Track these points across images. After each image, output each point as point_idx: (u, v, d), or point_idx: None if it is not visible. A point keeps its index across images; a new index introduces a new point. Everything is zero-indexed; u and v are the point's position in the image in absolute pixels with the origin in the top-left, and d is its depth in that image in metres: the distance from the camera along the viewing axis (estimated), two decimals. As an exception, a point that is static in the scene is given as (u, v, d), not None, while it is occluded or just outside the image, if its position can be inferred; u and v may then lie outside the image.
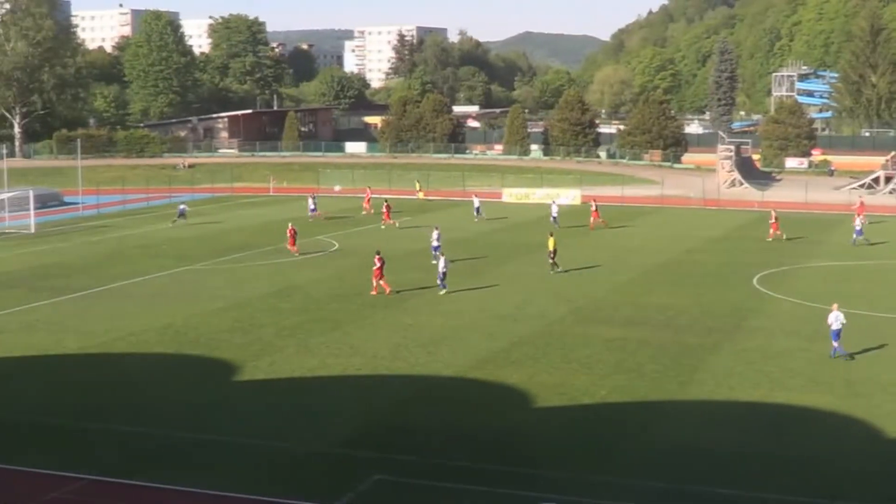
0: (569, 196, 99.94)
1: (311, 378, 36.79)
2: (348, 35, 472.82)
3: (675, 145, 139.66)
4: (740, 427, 31.44)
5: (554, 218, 77.40)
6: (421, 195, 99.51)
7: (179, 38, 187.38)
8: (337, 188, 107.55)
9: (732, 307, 48.15)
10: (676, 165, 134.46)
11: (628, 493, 26.18)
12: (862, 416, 32.18)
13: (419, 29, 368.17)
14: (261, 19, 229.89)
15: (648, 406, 33.46)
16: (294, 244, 64.84)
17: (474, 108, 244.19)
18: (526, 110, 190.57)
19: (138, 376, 37.38)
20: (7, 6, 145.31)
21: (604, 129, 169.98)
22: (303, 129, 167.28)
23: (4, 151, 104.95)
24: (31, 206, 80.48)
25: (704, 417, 32.65)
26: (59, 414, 32.39)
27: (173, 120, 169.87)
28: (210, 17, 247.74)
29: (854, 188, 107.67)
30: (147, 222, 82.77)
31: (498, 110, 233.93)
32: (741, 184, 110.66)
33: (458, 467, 27.81)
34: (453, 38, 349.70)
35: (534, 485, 26.50)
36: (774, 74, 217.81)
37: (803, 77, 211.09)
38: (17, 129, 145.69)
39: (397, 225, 78.23)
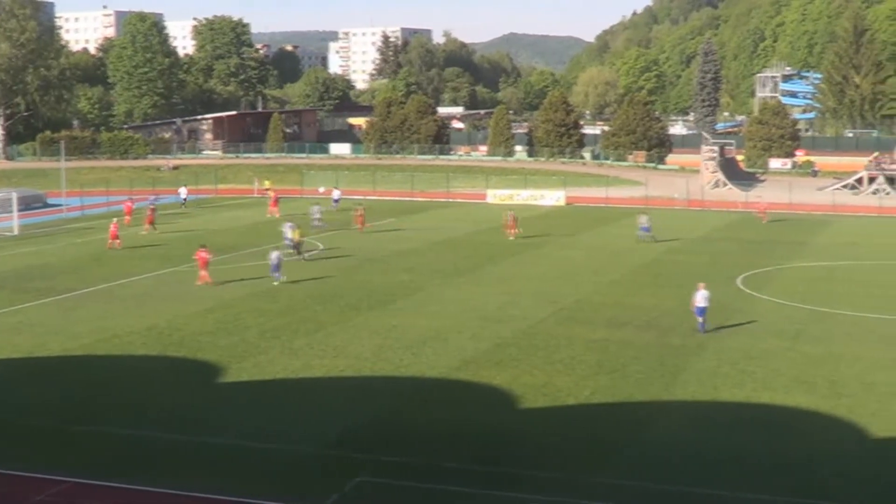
0: (553, 197, 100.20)
1: (296, 380, 36.75)
2: (333, 36, 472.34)
3: (660, 146, 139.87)
4: (725, 428, 31.45)
5: (317, 218, 78.06)
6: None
7: (164, 40, 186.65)
8: (321, 189, 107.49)
9: (716, 308, 48.09)
10: (661, 166, 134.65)
11: (615, 493, 26.17)
12: (846, 416, 32.28)
13: (404, 30, 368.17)
14: (245, 21, 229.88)
15: (633, 407, 33.49)
16: (116, 237, 68.56)
17: (459, 110, 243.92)
18: (510, 111, 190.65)
19: (122, 378, 37.29)
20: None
21: (588, 130, 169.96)
22: (287, 130, 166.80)
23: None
24: (15, 208, 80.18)
25: (689, 418, 32.70)
26: (44, 416, 32.28)
27: (157, 121, 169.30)
28: (194, 19, 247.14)
29: (837, 189, 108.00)
30: (132, 224, 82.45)
31: (482, 111, 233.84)
32: (725, 184, 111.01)
33: (444, 468, 27.79)
34: (438, 39, 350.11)
35: (520, 485, 26.51)
36: (758, 75, 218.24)
37: (787, 78, 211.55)
38: (0, 131, 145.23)
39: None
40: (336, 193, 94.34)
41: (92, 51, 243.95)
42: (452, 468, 27.78)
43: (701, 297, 43.26)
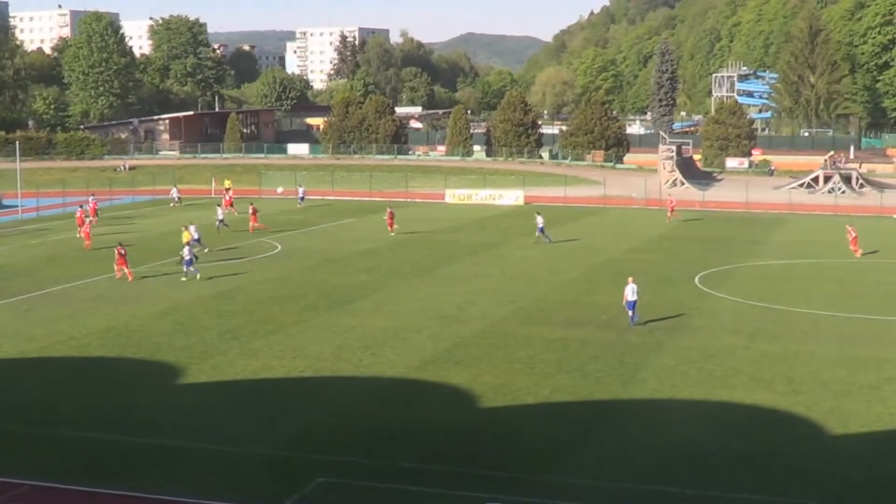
0: (512, 197, 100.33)
1: (255, 381, 36.57)
2: (290, 36, 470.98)
3: (617, 146, 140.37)
4: (684, 426, 31.55)
5: (220, 220, 77.22)
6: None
7: (120, 40, 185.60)
8: (279, 190, 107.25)
9: (674, 306, 48.42)
10: (618, 166, 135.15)
11: (575, 492, 26.21)
12: (803, 413, 32.47)
13: (361, 30, 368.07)
14: (202, 20, 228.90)
15: (592, 405, 33.56)
16: (88, 237, 69.03)
17: (417, 110, 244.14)
18: (468, 111, 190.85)
19: (80, 380, 36.97)
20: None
21: (546, 130, 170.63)
22: (245, 130, 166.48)
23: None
24: (-31, 209, 79.61)
25: (648, 416, 32.77)
26: (0, 418, 32.08)
27: (114, 122, 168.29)
28: (150, 19, 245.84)
29: (793, 187, 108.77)
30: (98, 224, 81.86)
31: (441, 111, 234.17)
32: (682, 184, 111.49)
33: (404, 468, 27.75)
34: (395, 39, 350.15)
35: (480, 485, 26.49)
36: (715, 75, 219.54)
37: (743, 78, 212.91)
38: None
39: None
40: (301, 191, 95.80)
41: (47, 51, 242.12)
42: (412, 468, 27.74)
43: (630, 291, 44.18)
